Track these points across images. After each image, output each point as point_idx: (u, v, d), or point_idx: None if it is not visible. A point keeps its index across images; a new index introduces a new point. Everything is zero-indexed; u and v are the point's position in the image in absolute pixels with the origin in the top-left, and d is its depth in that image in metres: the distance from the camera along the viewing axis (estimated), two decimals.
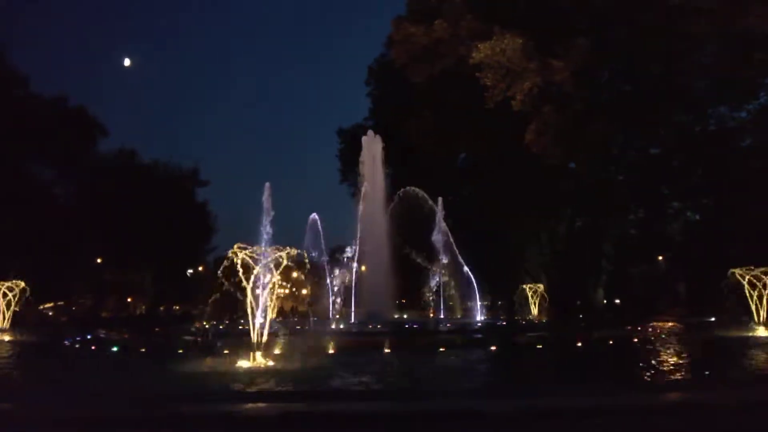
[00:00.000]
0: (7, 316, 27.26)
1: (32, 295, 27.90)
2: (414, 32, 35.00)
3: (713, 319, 29.80)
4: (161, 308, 63.88)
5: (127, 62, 56.21)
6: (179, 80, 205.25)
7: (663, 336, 22.60)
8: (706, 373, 13.25)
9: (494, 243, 35.20)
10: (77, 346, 21.17)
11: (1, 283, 27.39)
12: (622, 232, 44.36)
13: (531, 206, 38.36)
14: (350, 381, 12.19)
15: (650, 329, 25.71)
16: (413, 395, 10.98)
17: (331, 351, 17.39)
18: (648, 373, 12.74)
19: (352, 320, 30.00)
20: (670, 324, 29.61)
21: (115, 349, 20.26)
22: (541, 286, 34.47)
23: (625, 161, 41.79)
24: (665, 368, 13.36)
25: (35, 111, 45.89)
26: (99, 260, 56.40)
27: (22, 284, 27.44)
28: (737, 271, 22.78)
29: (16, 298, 27.27)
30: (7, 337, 25.39)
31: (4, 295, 27.14)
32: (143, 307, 66.76)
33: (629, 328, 24.96)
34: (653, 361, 14.47)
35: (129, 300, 67.21)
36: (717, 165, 37.34)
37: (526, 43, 31.69)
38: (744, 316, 23.82)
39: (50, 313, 51.10)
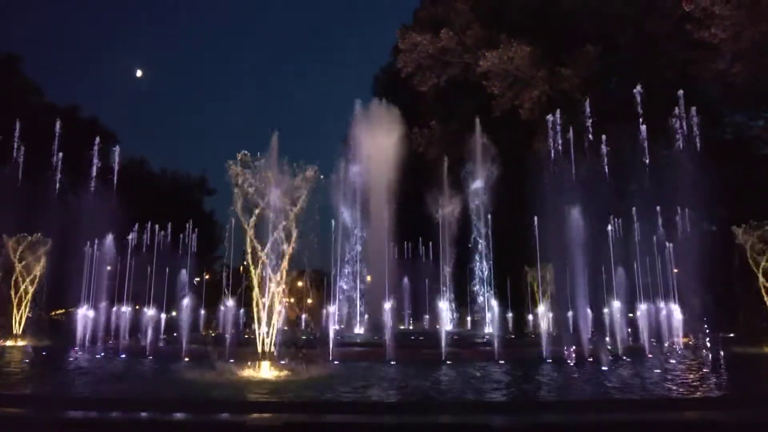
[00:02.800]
0: (20, 322, 27.55)
1: (45, 301, 28.27)
2: (420, 41, 35.01)
3: (732, 334, 29.19)
4: (168, 316, 63.95)
5: (138, 73, 57.29)
6: (188, 91, 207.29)
7: (680, 351, 22.14)
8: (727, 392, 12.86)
9: (503, 254, 34.77)
10: (86, 351, 21.28)
11: (15, 290, 27.71)
12: (633, 242, 43.65)
13: (541, 216, 37.91)
14: (356, 392, 11.99)
15: (667, 343, 25.24)
16: (418, 408, 10.77)
17: (336, 362, 17.20)
18: (669, 391, 12.35)
19: (357, 330, 29.78)
20: (686, 338, 29.08)
21: (122, 356, 20.38)
22: (547, 267, 33.92)
23: (636, 170, 41.23)
24: (682, 386, 12.99)
25: (49, 121, 46.63)
26: (108, 267, 56.67)
27: (36, 286, 27.83)
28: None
29: (29, 304, 27.62)
30: (20, 342, 25.73)
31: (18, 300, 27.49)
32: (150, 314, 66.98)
33: (644, 341, 24.49)
34: (672, 379, 14.11)
35: (137, 307, 67.39)
36: (733, 174, 36.67)
37: (533, 51, 31.58)
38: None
39: (61, 319, 51.39)
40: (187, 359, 18.57)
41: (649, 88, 35.99)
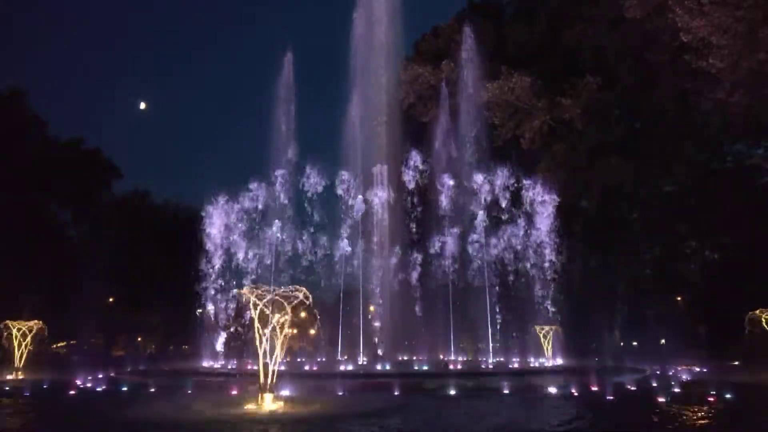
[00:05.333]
0: (21, 355, 27.30)
1: (46, 334, 28.02)
2: (422, 73, 35.46)
3: (737, 363, 28.85)
4: (171, 348, 63.51)
5: (142, 106, 58.06)
6: (192, 123, 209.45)
7: (687, 381, 21.88)
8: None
9: (505, 282, 34.60)
10: (88, 385, 21.02)
11: (17, 323, 27.48)
12: (637, 272, 43.46)
13: (543, 245, 37.82)
14: (361, 427, 11.79)
15: (671, 373, 24.97)
16: None
17: (339, 393, 16.99)
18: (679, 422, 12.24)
19: (360, 361, 29.49)
20: (691, 368, 28.78)
21: (125, 388, 20.21)
22: (554, 327, 33.69)
23: (638, 199, 41.28)
24: (696, 417, 12.83)
25: (52, 154, 46.91)
26: (110, 299, 56.51)
27: (39, 323, 27.61)
28: (762, 313, 22.08)
29: (30, 337, 27.37)
30: (21, 376, 25.44)
31: (22, 334, 27.30)
32: (153, 346, 66.51)
33: (649, 372, 24.21)
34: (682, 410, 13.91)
35: (139, 339, 67.01)
36: (735, 203, 36.63)
37: (534, 81, 32.00)
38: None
39: (62, 352, 51.08)
40: (190, 392, 18.36)
41: (649, 119, 36.32)
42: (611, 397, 16.40)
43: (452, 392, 17.97)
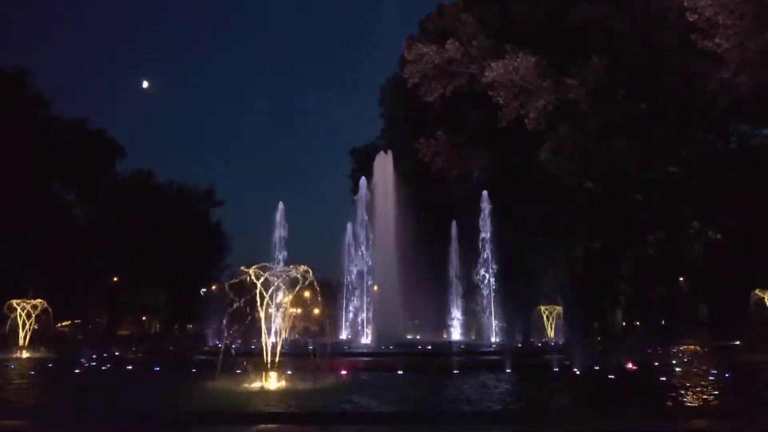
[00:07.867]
0: (26, 334, 27.62)
1: (50, 313, 28.33)
2: (426, 52, 35.05)
3: (738, 342, 29.06)
4: (175, 327, 64.19)
5: (145, 84, 57.93)
6: (196, 102, 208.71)
7: (687, 360, 22.06)
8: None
9: (509, 263, 34.72)
10: (93, 364, 21.24)
11: (23, 301, 27.79)
12: (641, 253, 43.51)
13: (547, 227, 37.86)
14: (363, 403, 11.95)
15: (673, 352, 25.16)
16: (428, 419, 10.75)
17: (343, 372, 17.17)
18: (678, 400, 12.29)
19: (364, 340, 29.73)
20: (693, 347, 29.00)
21: (129, 367, 20.39)
22: (558, 308, 33.89)
23: (643, 181, 41.14)
24: (694, 395, 12.92)
25: (57, 133, 46.94)
26: (115, 279, 57.01)
27: (42, 302, 27.93)
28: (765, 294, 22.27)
29: (35, 316, 27.70)
30: (26, 354, 25.74)
31: (26, 313, 27.63)
32: (158, 325, 67.22)
33: (650, 351, 24.36)
34: (681, 388, 14.00)
35: (144, 318, 67.76)
36: (740, 184, 36.51)
37: (539, 61, 31.67)
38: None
39: (67, 331, 51.64)
40: (194, 370, 18.56)
41: (655, 101, 35.99)
42: (612, 376, 16.51)
43: (455, 371, 18.11)
